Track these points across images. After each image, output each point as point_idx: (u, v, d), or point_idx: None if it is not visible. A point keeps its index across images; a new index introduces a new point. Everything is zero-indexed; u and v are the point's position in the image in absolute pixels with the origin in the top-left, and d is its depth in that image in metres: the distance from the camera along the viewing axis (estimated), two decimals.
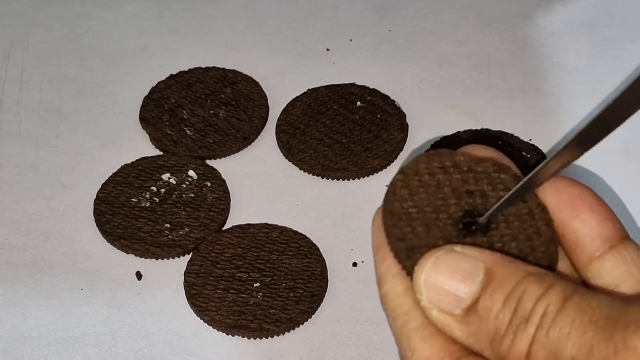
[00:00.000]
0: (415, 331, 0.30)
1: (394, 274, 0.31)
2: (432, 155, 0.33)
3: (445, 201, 0.32)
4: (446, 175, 0.33)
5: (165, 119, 0.60)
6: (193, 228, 0.54)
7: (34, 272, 0.53)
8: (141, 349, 0.50)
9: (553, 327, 0.27)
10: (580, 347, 0.26)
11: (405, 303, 0.30)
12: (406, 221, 0.31)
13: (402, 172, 0.33)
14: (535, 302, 0.28)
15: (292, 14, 0.68)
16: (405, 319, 0.30)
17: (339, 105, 0.61)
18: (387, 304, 0.31)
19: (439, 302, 0.29)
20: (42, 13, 0.68)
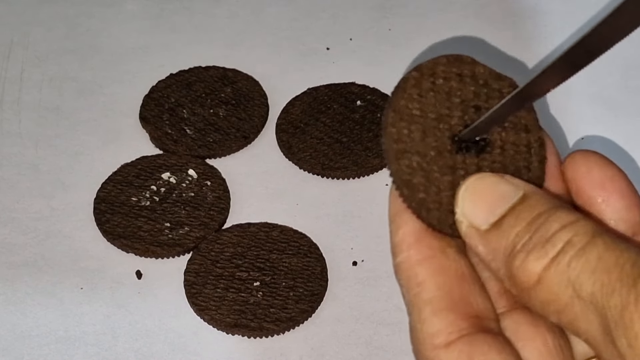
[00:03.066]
0: (427, 303, 0.30)
1: (409, 244, 0.30)
2: (454, 60, 0.32)
3: (450, 111, 0.31)
4: (460, 84, 0.31)
5: (166, 118, 0.60)
6: (193, 227, 0.54)
7: (34, 271, 0.53)
8: (141, 348, 0.50)
9: (577, 258, 0.26)
10: (602, 286, 0.26)
11: (419, 274, 0.30)
12: (406, 122, 0.31)
13: (418, 70, 0.32)
14: (561, 227, 0.27)
15: (292, 13, 0.68)
16: (418, 290, 0.30)
17: (339, 104, 0.61)
18: (400, 274, 0.31)
19: (471, 215, 0.29)
20: (42, 12, 0.68)
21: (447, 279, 0.30)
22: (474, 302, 0.30)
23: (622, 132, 0.59)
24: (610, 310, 0.25)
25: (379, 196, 0.54)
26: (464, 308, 0.30)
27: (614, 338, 0.25)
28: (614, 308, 0.25)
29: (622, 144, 0.59)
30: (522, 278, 0.27)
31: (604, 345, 0.26)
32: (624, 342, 0.25)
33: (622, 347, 0.25)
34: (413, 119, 0.31)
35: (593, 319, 0.26)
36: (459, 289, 0.30)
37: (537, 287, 0.27)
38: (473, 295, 0.30)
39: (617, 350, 0.25)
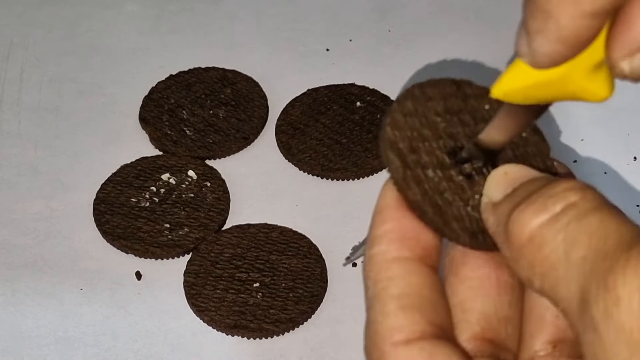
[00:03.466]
0: (394, 298, 0.28)
1: (390, 239, 0.29)
2: (454, 83, 0.32)
3: (449, 128, 0.31)
4: (461, 103, 0.31)
5: (165, 119, 0.60)
6: (193, 228, 0.54)
7: (33, 272, 0.53)
8: (141, 349, 0.50)
9: (577, 220, 0.25)
10: (596, 250, 0.24)
11: (392, 269, 0.29)
12: (406, 137, 0.31)
13: (415, 87, 0.32)
14: (567, 189, 0.26)
15: (292, 15, 0.68)
16: (387, 284, 0.29)
17: (338, 105, 0.61)
18: (372, 265, 0.29)
19: (490, 191, 0.29)
20: (42, 13, 0.68)
21: (420, 282, 0.29)
22: (441, 314, 0.29)
23: (622, 133, 0.59)
24: (596, 274, 0.24)
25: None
26: (432, 314, 0.28)
27: (590, 305, 0.24)
28: (601, 271, 0.24)
29: (622, 145, 0.59)
30: (516, 232, 0.26)
31: (578, 314, 0.24)
32: (600, 307, 0.23)
33: (596, 313, 0.24)
34: (412, 132, 0.31)
35: (574, 285, 0.25)
36: (429, 295, 0.29)
37: (529, 244, 0.26)
38: (441, 309, 0.29)
39: (589, 319, 0.24)
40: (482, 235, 0.29)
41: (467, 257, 0.30)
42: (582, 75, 0.28)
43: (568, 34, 0.26)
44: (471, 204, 0.30)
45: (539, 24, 0.26)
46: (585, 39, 0.26)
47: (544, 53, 0.27)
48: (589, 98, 0.28)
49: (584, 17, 0.25)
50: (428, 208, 0.29)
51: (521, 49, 0.27)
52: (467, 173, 0.30)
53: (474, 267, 0.30)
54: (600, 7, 0.25)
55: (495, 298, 0.30)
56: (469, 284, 0.30)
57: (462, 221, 0.30)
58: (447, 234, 0.29)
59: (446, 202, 0.30)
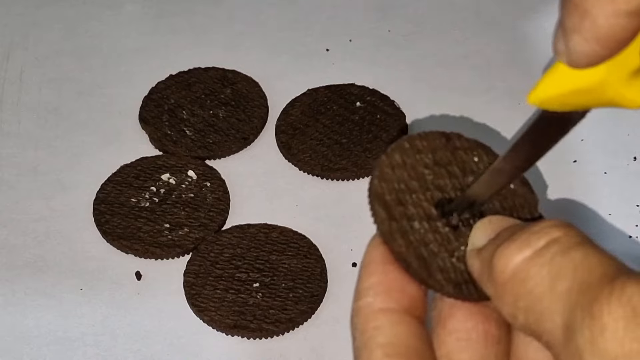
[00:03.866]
0: (380, 346, 0.29)
1: (377, 292, 0.30)
2: (442, 135, 0.32)
3: (435, 179, 0.31)
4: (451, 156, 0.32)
5: (165, 119, 0.60)
6: (192, 228, 0.54)
7: (33, 272, 0.53)
8: (140, 349, 0.50)
9: (562, 255, 0.26)
10: (581, 282, 0.25)
11: (379, 319, 0.30)
12: (393, 189, 0.31)
13: (406, 140, 0.32)
14: (550, 226, 0.27)
15: (292, 15, 0.68)
16: (374, 333, 0.29)
17: (338, 105, 0.61)
18: (359, 316, 0.30)
19: (474, 239, 0.29)
20: (42, 13, 0.68)
21: (406, 331, 0.29)
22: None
23: (622, 133, 0.59)
24: (581, 304, 0.24)
25: None
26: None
27: (575, 334, 0.24)
28: (586, 301, 0.24)
29: (622, 145, 0.59)
30: (500, 268, 0.27)
31: (563, 345, 0.25)
32: (586, 336, 0.24)
33: (582, 342, 0.24)
34: (399, 185, 0.31)
35: (558, 316, 0.25)
36: (415, 344, 0.29)
37: (513, 279, 0.27)
38: (427, 358, 0.29)
39: (574, 349, 0.24)
40: (466, 286, 0.30)
41: (455, 309, 0.30)
42: (620, 82, 0.28)
43: (604, 33, 0.26)
44: (456, 255, 0.30)
45: (576, 22, 0.26)
46: (622, 38, 0.26)
47: (581, 52, 0.26)
48: (627, 105, 0.28)
49: (619, 16, 0.25)
50: (413, 260, 0.30)
51: (558, 47, 0.27)
52: (453, 224, 0.31)
53: (461, 319, 0.30)
54: (635, 7, 0.25)
55: (482, 350, 0.30)
56: (456, 335, 0.30)
57: (447, 272, 0.30)
58: (432, 285, 0.30)
59: (431, 253, 0.30)
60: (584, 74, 0.28)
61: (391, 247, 0.30)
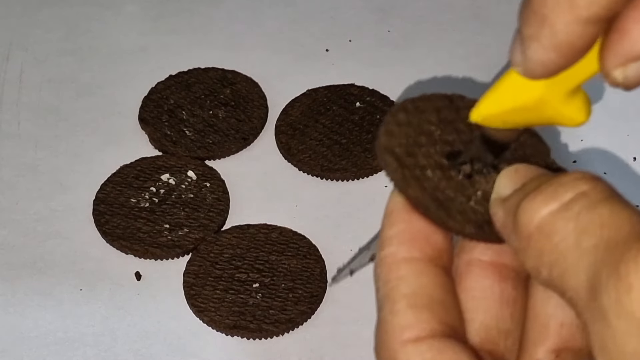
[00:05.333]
0: (403, 297, 0.28)
1: (401, 241, 0.29)
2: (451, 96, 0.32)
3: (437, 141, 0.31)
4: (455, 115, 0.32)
5: (165, 119, 0.60)
6: (192, 228, 0.54)
7: (33, 273, 0.53)
8: (140, 349, 0.50)
9: (589, 210, 0.25)
10: (608, 239, 0.24)
11: (402, 269, 0.29)
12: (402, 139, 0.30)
13: (409, 101, 0.32)
14: (578, 179, 0.26)
15: (292, 15, 0.68)
16: (397, 283, 0.28)
17: (338, 105, 0.61)
18: (382, 266, 0.29)
19: (499, 187, 0.29)
20: (42, 14, 0.68)
21: (430, 282, 0.29)
22: (451, 313, 0.29)
23: (622, 133, 0.59)
24: (607, 263, 0.24)
25: (378, 198, 0.54)
26: (442, 313, 0.28)
27: (600, 293, 0.23)
28: (613, 260, 0.24)
29: (622, 145, 0.59)
30: (525, 221, 0.26)
31: (587, 303, 0.24)
32: (611, 295, 0.23)
33: (607, 301, 0.23)
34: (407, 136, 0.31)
35: (583, 273, 0.24)
36: (440, 294, 0.28)
37: (538, 233, 0.26)
38: (451, 309, 0.29)
39: (599, 307, 0.24)
40: (488, 226, 0.29)
41: (471, 266, 0.30)
42: (559, 101, 0.28)
43: (563, 40, 0.26)
44: (474, 199, 0.30)
45: (534, 30, 0.26)
46: (580, 47, 0.26)
47: (537, 61, 0.26)
48: (566, 123, 0.29)
49: (579, 23, 0.25)
50: (430, 203, 0.29)
51: (515, 57, 0.27)
52: (466, 174, 0.30)
53: (478, 277, 0.30)
54: (596, 14, 0.25)
55: (497, 310, 0.29)
56: (471, 294, 0.30)
57: (466, 214, 0.29)
58: (452, 226, 0.29)
59: (448, 197, 0.29)
60: (524, 92, 0.28)
61: (407, 194, 0.29)
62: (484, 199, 0.30)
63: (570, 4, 0.25)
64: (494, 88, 0.29)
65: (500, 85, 0.29)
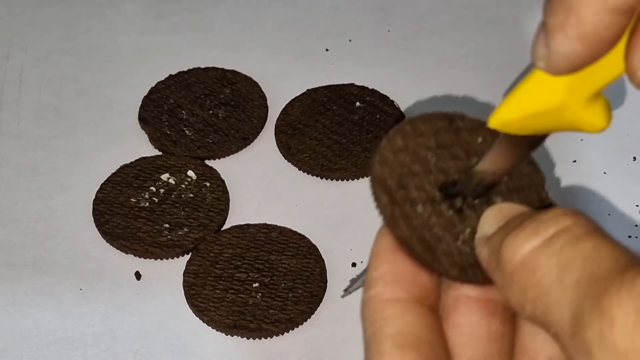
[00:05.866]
0: (389, 337, 0.28)
1: (386, 282, 0.29)
2: (442, 117, 0.31)
3: (439, 162, 0.31)
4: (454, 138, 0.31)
5: (165, 119, 0.60)
6: (192, 228, 0.54)
7: (33, 272, 0.53)
8: (140, 349, 0.50)
9: (571, 245, 0.25)
10: (590, 273, 0.24)
11: (388, 310, 0.29)
12: (395, 171, 0.30)
13: (407, 123, 0.31)
14: (559, 215, 0.26)
15: (292, 15, 0.68)
16: (383, 324, 0.29)
17: (338, 105, 0.61)
18: (368, 307, 0.29)
19: (483, 226, 0.29)
20: (41, 13, 0.68)
21: (416, 321, 0.29)
22: (437, 353, 0.29)
23: (622, 133, 0.59)
24: (590, 297, 0.24)
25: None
26: (428, 352, 0.28)
27: (583, 328, 0.24)
28: (595, 294, 0.24)
29: (622, 145, 0.59)
30: (508, 257, 0.26)
31: (571, 337, 0.24)
32: (595, 329, 0.23)
33: (590, 335, 0.23)
34: (402, 169, 0.31)
35: (566, 308, 0.24)
36: (426, 334, 0.29)
37: (521, 269, 0.26)
38: (438, 348, 0.29)
39: (583, 342, 0.23)
40: (472, 270, 0.29)
41: (459, 302, 0.30)
42: (580, 106, 0.28)
43: (590, 31, 0.25)
44: (461, 238, 0.30)
45: (560, 20, 0.25)
46: (607, 38, 0.25)
47: (562, 53, 0.26)
48: (586, 128, 0.28)
49: (607, 13, 0.25)
50: (416, 244, 0.29)
51: (538, 50, 0.27)
52: (458, 207, 0.30)
53: (466, 313, 0.30)
54: (625, 3, 0.25)
55: (484, 346, 0.29)
56: (459, 330, 0.30)
57: (452, 256, 0.29)
58: (436, 269, 0.29)
59: (435, 237, 0.30)
60: (544, 97, 0.28)
61: (394, 232, 0.29)
62: (471, 237, 0.30)
63: None
64: (513, 93, 0.28)
65: (520, 90, 0.28)
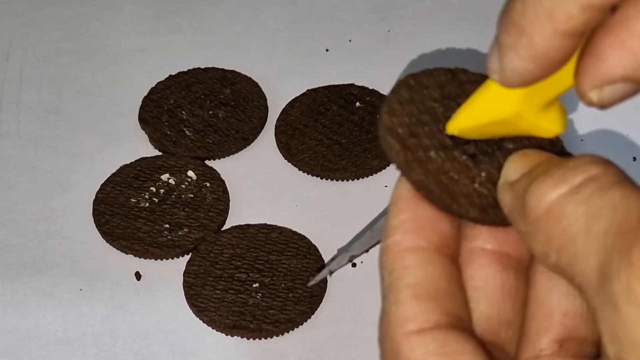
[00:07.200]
0: (408, 287, 0.28)
1: (406, 229, 0.29)
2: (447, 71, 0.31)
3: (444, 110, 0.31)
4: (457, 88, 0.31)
5: (165, 119, 0.60)
6: (192, 228, 0.54)
7: (33, 272, 0.53)
8: (140, 349, 0.50)
9: (600, 194, 0.25)
10: (620, 223, 0.24)
11: (407, 259, 0.28)
12: (405, 117, 0.30)
13: (411, 77, 0.31)
14: (588, 162, 0.26)
15: (292, 15, 0.68)
16: (402, 273, 0.28)
17: (338, 105, 0.61)
18: (387, 255, 0.29)
19: (507, 172, 0.28)
20: (41, 13, 0.68)
21: (435, 272, 0.28)
22: (457, 304, 0.28)
23: (622, 133, 0.59)
24: (618, 248, 0.23)
25: (378, 197, 0.54)
26: (447, 303, 0.28)
27: (610, 279, 0.23)
28: (624, 245, 0.23)
29: (622, 145, 0.59)
30: (533, 204, 0.26)
31: (597, 289, 0.24)
32: (623, 281, 0.23)
33: (617, 287, 0.23)
34: (410, 115, 0.30)
35: (593, 258, 0.24)
36: (445, 284, 0.28)
37: (547, 216, 0.25)
38: (457, 299, 0.28)
39: (609, 294, 0.23)
40: (492, 210, 0.29)
41: (473, 255, 0.29)
42: (535, 114, 0.28)
43: (540, 52, 0.26)
44: (478, 181, 0.29)
45: (512, 39, 0.26)
46: (557, 59, 0.26)
47: (514, 70, 0.26)
48: (541, 134, 0.29)
49: (557, 36, 0.25)
50: (434, 187, 0.29)
51: (492, 64, 0.27)
52: (471, 153, 0.30)
53: (480, 266, 0.29)
54: (574, 28, 0.25)
55: (498, 301, 0.29)
56: (473, 283, 0.29)
57: (470, 197, 0.29)
58: (456, 210, 0.29)
59: (452, 180, 0.29)
60: (500, 106, 0.28)
61: (410, 177, 0.29)
62: (488, 180, 0.29)
63: (549, 17, 0.25)
64: (470, 101, 0.29)
65: (477, 99, 0.28)
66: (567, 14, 0.25)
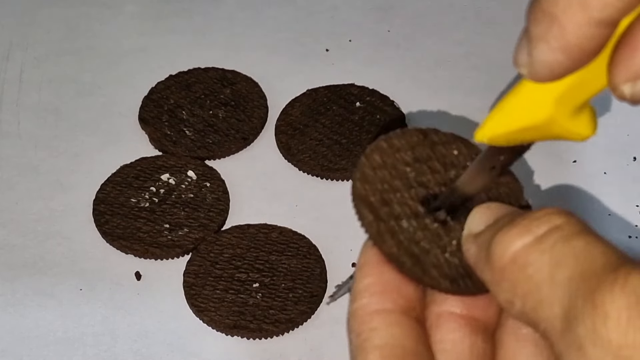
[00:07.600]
0: (375, 348, 0.28)
1: (372, 293, 0.29)
2: (420, 132, 0.32)
3: (418, 177, 0.31)
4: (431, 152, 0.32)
5: (165, 119, 0.60)
6: (192, 228, 0.54)
7: (33, 273, 0.53)
8: (140, 349, 0.50)
9: (563, 243, 0.25)
10: (583, 271, 0.24)
11: (374, 321, 0.29)
12: (376, 188, 0.31)
13: (384, 140, 0.32)
14: (551, 213, 0.26)
15: (292, 15, 0.68)
16: (370, 334, 0.29)
17: (338, 105, 0.61)
18: (355, 318, 0.29)
19: (471, 224, 0.29)
20: (42, 13, 0.68)
21: (402, 333, 0.29)
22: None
23: (622, 133, 0.59)
24: (582, 293, 0.24)
25: None
26: None
27: (575, 323, 0.24)
28: (588, 290, 0.24)
29: (622, 145, 0.59)
30: (499, 253, 0.26)
31: (561, 333, 0.24)
32: (587, 324, 0.23)
33: (582, 331, 0.23)
34: (383, 183, 0.31)
35: (558, 304, 0.24)
36: (412, 346, 0.29)
37: (512, 265, 0.26)
38: (425, 359, 0.29)
39: (574, 337, 0.24)
40: (463, 280, 0.29)
41: (442, 319, 0.30)
42: (567, 118, 0.28)
43: (572, 42, 0.25)
44: (449, 250, 0.30)
45: (543, 30, 0.25)
46: (589, 49, 0.25)
47: (544, 63, 0.26)
48: (573, 138, 0.28)
49: (590, 25, 0.25)
50: (405, 259, 0.29)
51: (520, 57, 0.26)
52: (441, 220, 0.30)
53: (448, 329, 0.30)
54: (609, 16, 0.25)
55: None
56: (441, 346, 0.30)
57: (441, 268, 0.30)
58: (427, 282, 0.29)
59: (423, 250, 0.30)
60: (532, 112, 0.28)
61: (382, 249, 0.30)
62: (459, 249, 0.30)
63: (582, 5, 0.24)
64: (500, 107, 0.28)
65: (507, 104, 0.28)
66: (602, 1, 0.24)
